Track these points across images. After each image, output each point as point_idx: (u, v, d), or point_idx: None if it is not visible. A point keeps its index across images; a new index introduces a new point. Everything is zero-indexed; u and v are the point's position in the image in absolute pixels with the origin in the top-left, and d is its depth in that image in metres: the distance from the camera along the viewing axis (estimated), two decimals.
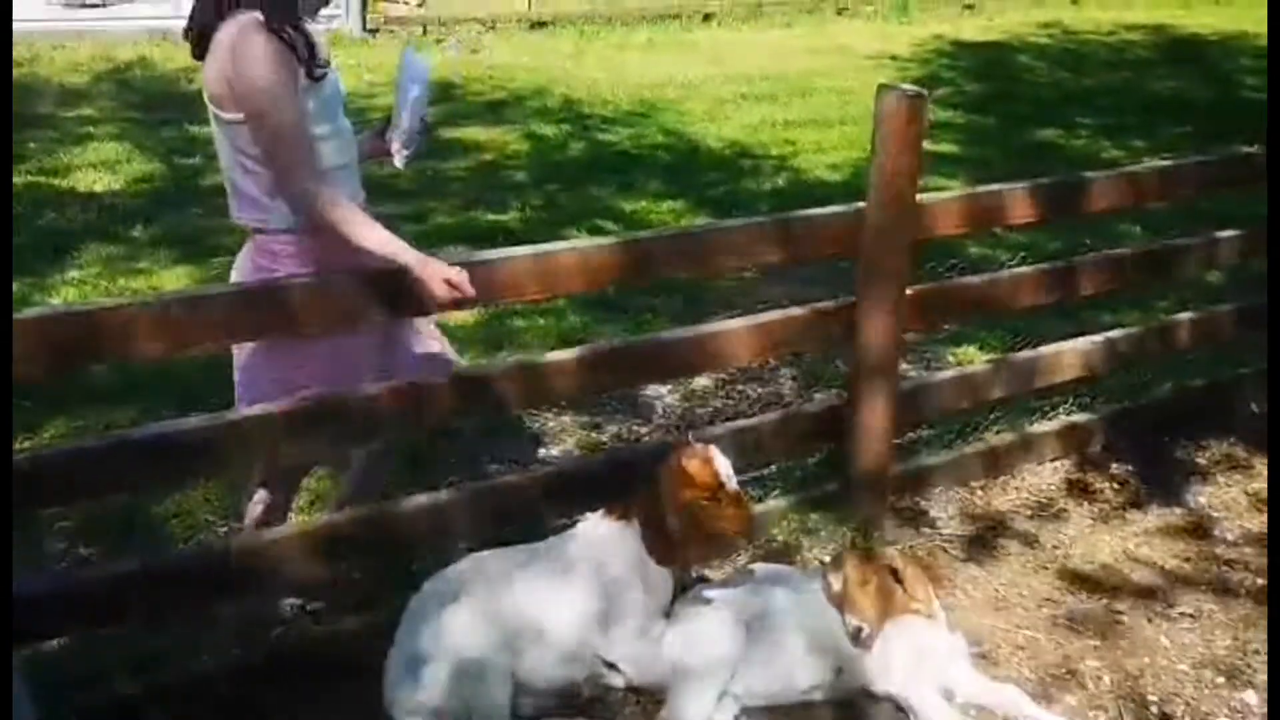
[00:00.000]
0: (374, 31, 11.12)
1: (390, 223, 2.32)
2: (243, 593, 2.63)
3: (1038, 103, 9.32)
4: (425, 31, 11.38)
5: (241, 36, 2.17)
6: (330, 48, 2.37)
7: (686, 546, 2.51)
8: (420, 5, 12.46)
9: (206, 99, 2.29)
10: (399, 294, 2.32)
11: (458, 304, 2.25)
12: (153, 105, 7.92)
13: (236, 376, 2.50)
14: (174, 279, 4.85)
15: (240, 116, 2.22)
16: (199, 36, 2.26)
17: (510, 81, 9.29)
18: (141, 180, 6.26)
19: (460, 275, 2.21)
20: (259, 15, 2.18)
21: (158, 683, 2.46)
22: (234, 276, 2.48)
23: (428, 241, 5.42)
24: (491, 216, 5.91)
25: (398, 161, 2.61)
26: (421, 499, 2.72)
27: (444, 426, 3.27)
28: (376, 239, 2.23)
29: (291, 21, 2.22)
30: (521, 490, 2.84)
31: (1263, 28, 13.25)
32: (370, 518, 2.66)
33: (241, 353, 2.47)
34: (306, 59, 2.24)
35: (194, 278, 4.86)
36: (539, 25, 11.85)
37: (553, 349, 3.59)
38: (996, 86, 9.99)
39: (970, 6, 14.96)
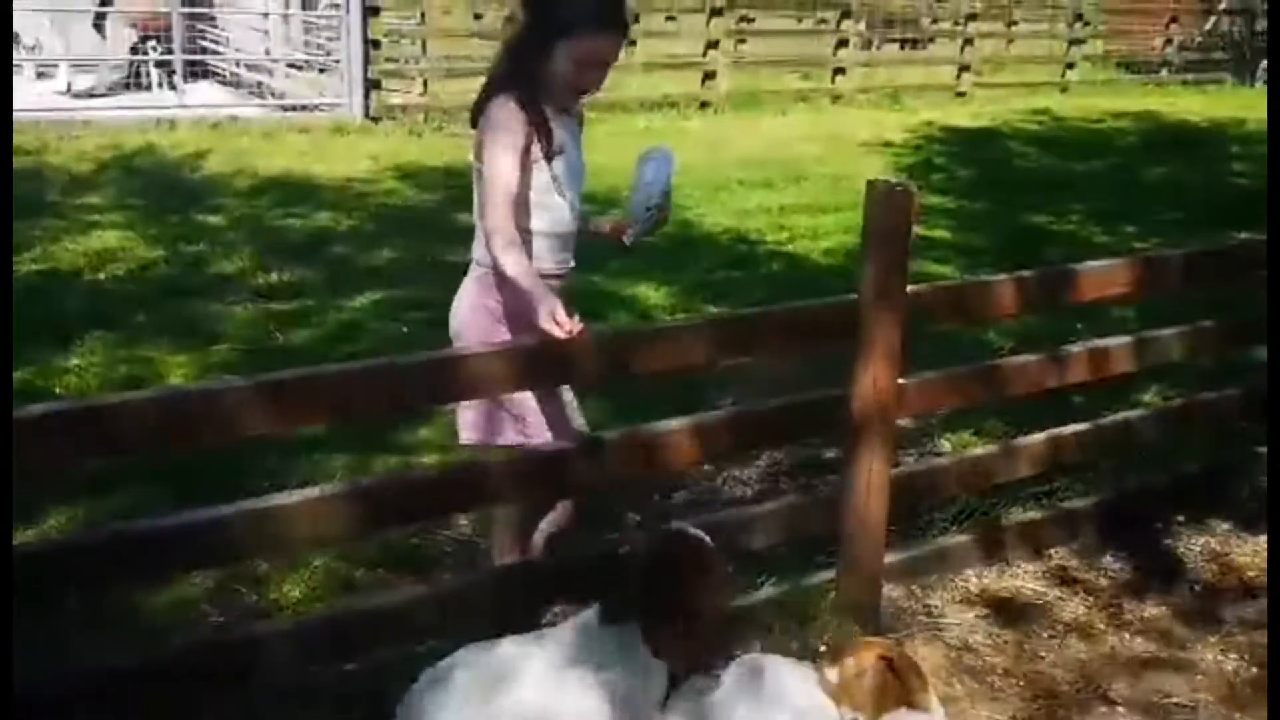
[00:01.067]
0: (376, 119, 11.36)
1: None
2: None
3: (1028, 188, 9.50)
4: (427, 119, 11.62)
5: (496, 105, 2.66)
6: (568, 135, 2.76)
7: (690, 641, 2.51)
8: (422, 94, 12.75)
9: (475, 158, 2.73)
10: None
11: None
12: (158, 193, 8.07)
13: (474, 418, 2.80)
14: (176, 366, 4.89)
15: (481, 166, 2.67)
16: (476, 110, 2.73)
17: None
18: (145, 267, 6.35)
19: (564, 317, 2.46)
20: (507, 97, 2.64)
21: None
22: (454, 308, 2.85)
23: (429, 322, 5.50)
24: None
25: (626, 238, 2.94)
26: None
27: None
28: (526, 276, 2.56)
29: (537, 103, 2.66)
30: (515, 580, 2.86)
31: (1247, 114, 13.57)
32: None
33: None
34: (543, 137, 2.66)
35: (196, 365, 4.91)
36: None
37: None
38: (987, 172, 10.20)
39: (961, 94, 15.33)
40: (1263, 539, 3.73)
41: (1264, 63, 17.46)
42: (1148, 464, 4.12)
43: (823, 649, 2.81)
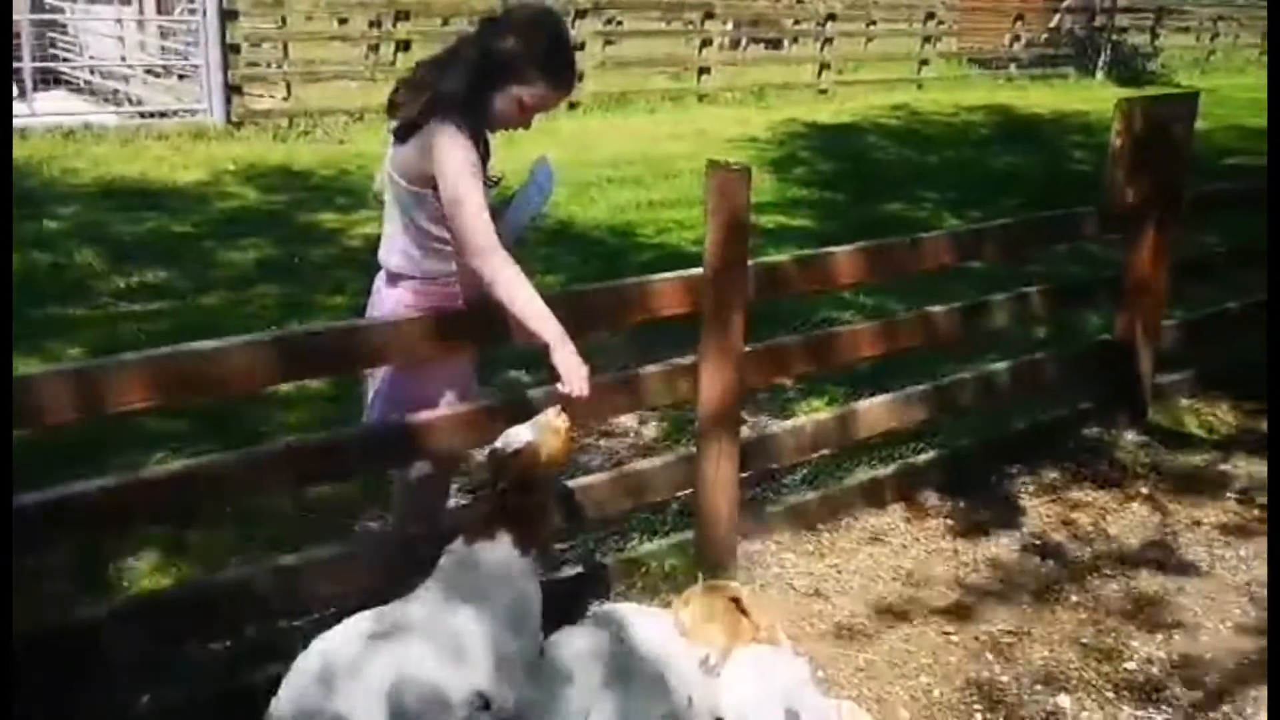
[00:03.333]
0: (239, 124, 11.18)
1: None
2: None
3: (885, 179, 9.94)
4: (291, 123, 11.50)
5: (444, 132, 2.64)
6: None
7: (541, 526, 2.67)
8: (285, 99, 12.60)
9: (393, 170, 2.75)
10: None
11: (568, 397, 2.66)
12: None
13: (376, 396, 2.90)
14: (34, 370, 4.80)
15: (424, 190, 2.69)
16: (407, 128, 2.69)
17: (376, 167, 9.45)
18: None
19: (583, 372, 2.66)
20: (456, 124, 2.65)
21: None
22: (372, 311, 2.90)
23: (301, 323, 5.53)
24: (363, 300, 6.02)
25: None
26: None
27: None
28: (537, 309, 2.65)
29: (479, 133, 2.74)
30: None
31: (1088, 105, 14.38)
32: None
33: (380, 375, 2.88)
34: (483, 166, 2.75)
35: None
36: None
37: None
38: (847, 165, 10.62)
39: (823, 91, 15.83)
40: (1089, 489, 4.08)
41: (1103, 57, 18.52)
42: (983, 422, 4.44)
43: (677, 594, 2.98)
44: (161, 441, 4.07)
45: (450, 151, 2.62)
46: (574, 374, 2.67)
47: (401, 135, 2.70)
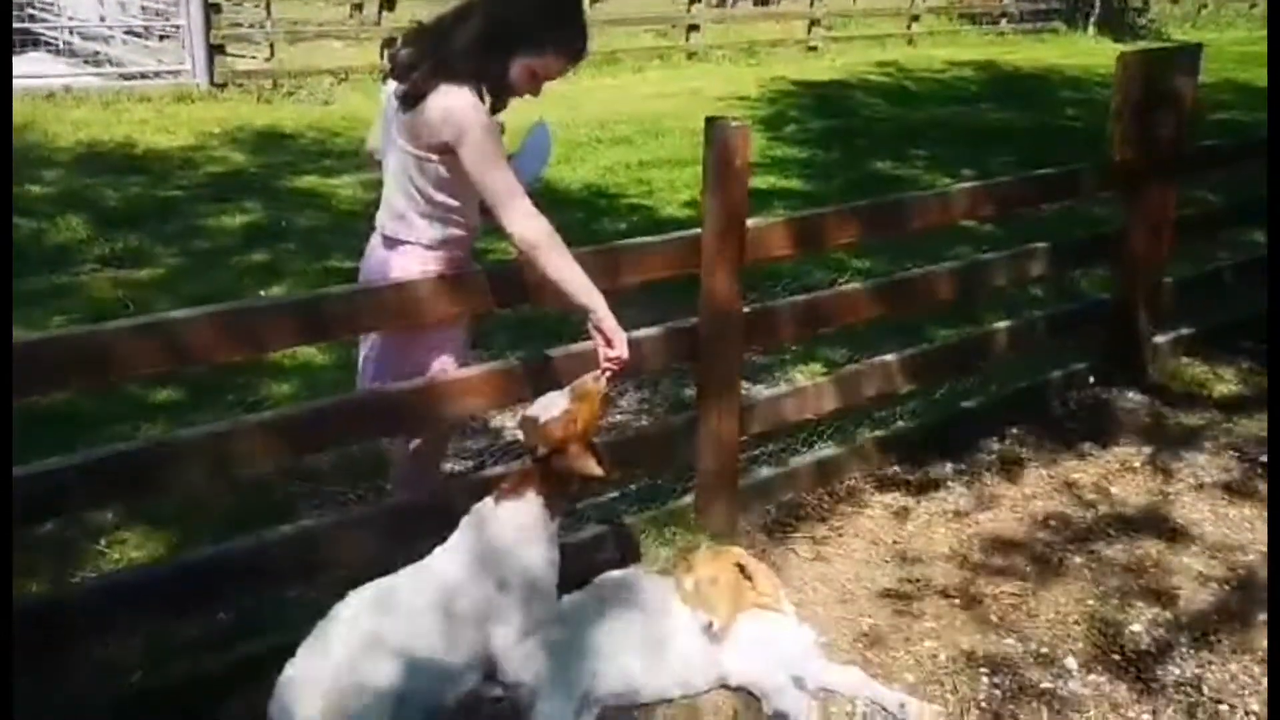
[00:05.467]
0: (222, 86, 11.01)
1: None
2: None
3: (876, 137, 9.85)
4: (275, 85, 11.33)
5: (461, 100, 2.57)
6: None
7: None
8: (269, 60, 12.40)
9: (399, 136, 2.65)
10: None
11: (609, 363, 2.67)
12: None
13: (367, 362, 2.86)
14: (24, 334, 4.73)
15: (432, 156, 2.61)
16: (415, 95, 2.58)
17: (366, 130, 9.34)
18: None
19: (624, 336, 2.66)
20: (471, 91, 2.59)
21: None
22: (365, 275, 2.84)
23: (290, 289, 5.46)
24: (350, 264, 5.94)
25: None
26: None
27: None
28: (577, 274, 2.64)
29: (487, 102, 2.67)
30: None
31: (1078, 60, 14.28)
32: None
33: (371, 341, 2.84)
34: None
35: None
36: None
37: None
38: (838, 123, 10.51)
39: (813, 48, 15.67)
40: (1090, 449, 4.06)
41: (1094, 12, 18.36)
42: (981, 383, 4.41)
43: (680, 560, 2.95)
44: (152, 412, 4.02)
45: (472, 120, 2.56)
46: (617, 337, 2.65)
47: (410, 102, 2.61)
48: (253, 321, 2.56)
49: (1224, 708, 2.76)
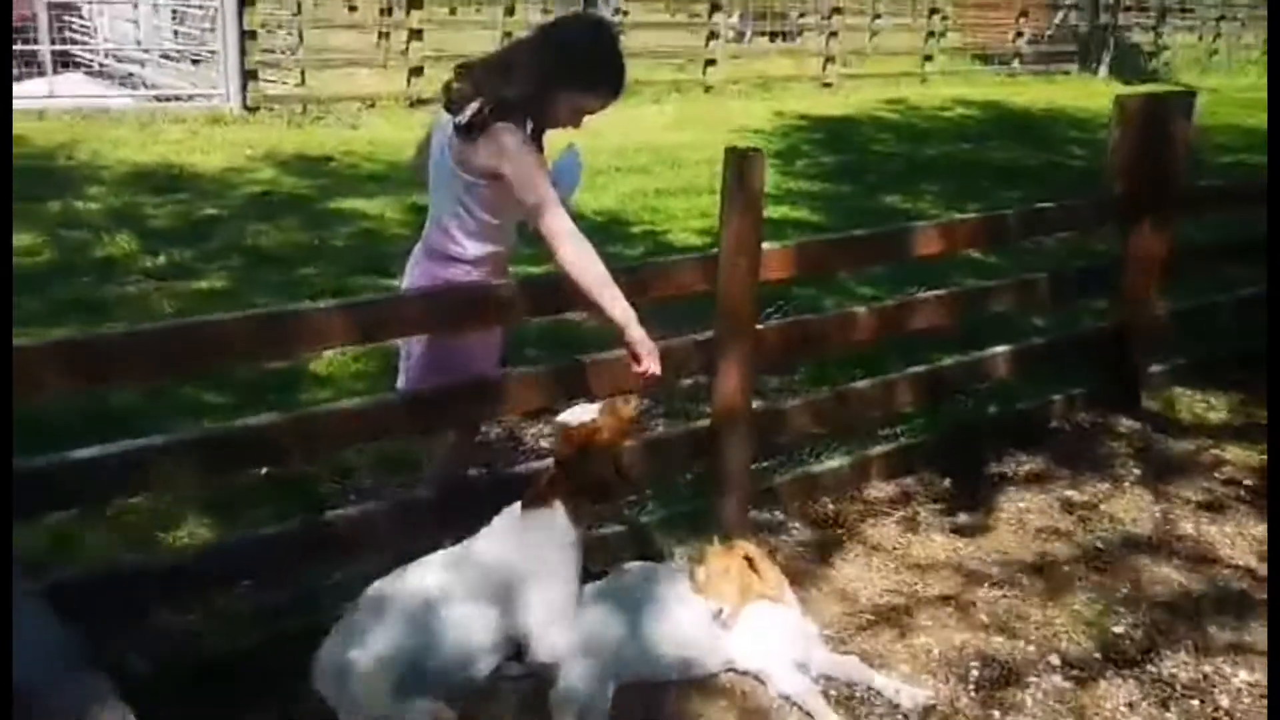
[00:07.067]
0: (254, 109, 11.37)
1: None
2: None
3: (886, 172, 10.12)
4: (305, 110, 11.68)
5: (510, 136, 2.85)
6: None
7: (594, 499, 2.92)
8: (299, 85, 12.78)
9: (453, 160, 2.92)
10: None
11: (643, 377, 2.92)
12: (33, 181, 8.01)
13: (414, 367, 3.08)
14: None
15: (481, 181, 2.89)
16: (471, 129, 2.86)
17: (392, 155, 9.65)
18: (31, 253, 6.37)
19: (655, 352, 2.91)
20: (522, 128, 2.89)
21: None
22: (410, 283, 3.09)
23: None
24: (384, 281, 6.21)
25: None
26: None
27: None
28: (613, 294, 2.87)
29: (536, 136, 2.97)
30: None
31: (1088, 101, 14.56)
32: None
33: (411, 348, 3.08)
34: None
35: None
36: (420, 103, 12.26)
37: None
38: (849, 158, 10.79)
39: (827, 84, 16.01)
40: (1083, 470, 4.28)
41: (1106, 55, 18.70)
42: (981, 405, 4.64)
43: (693, 554, 3.18)
44: (204, 413, 4.26)
45: (524, 156, 2.84)
46: (648, 354, 2.90)
47: (466, 132, 2.88)
48: (306, 323, 2.81)
49: (1195, 703, 2.97)
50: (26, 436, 2.44)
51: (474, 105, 2.86)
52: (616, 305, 2.87)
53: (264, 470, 3.71)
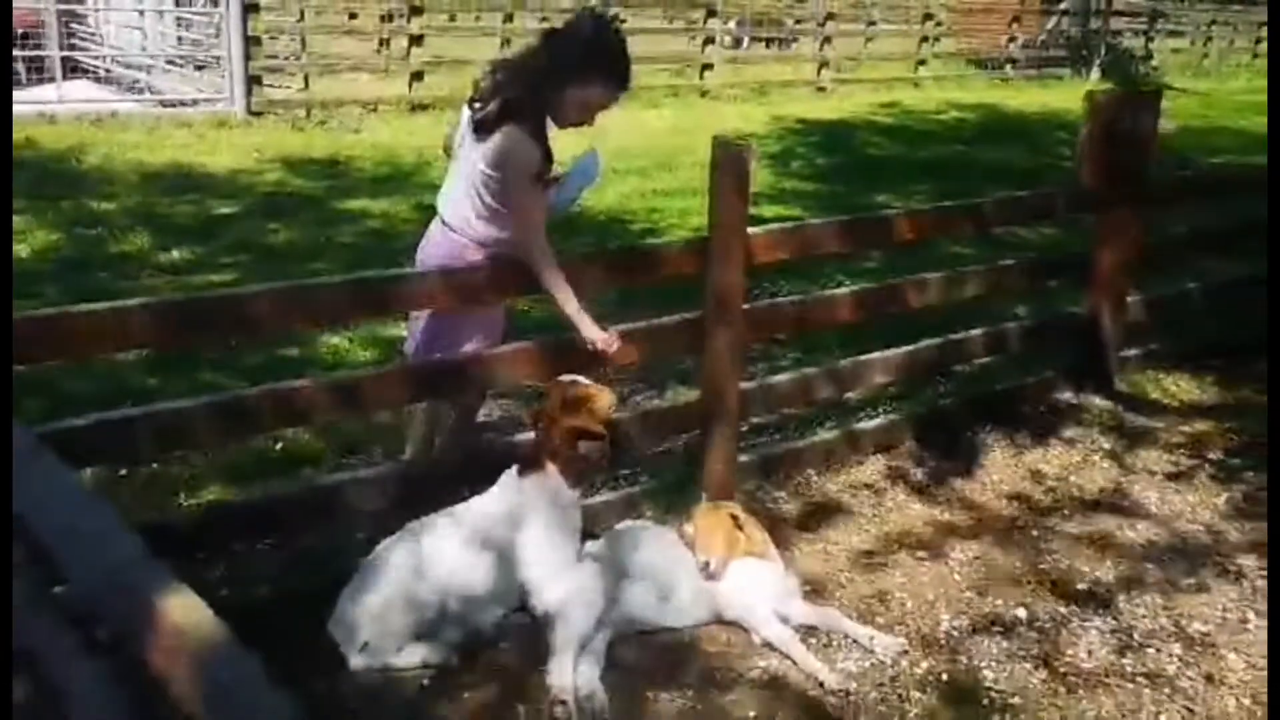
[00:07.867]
0: (259, 114, 11.60)
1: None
2: None
3: (879, 173, 10.33)
4: (308, 114, 11.91)
5: (515, 140, 3.11)
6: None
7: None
8: (303, 90, 13.02)
9: (475, 154, 3.17)
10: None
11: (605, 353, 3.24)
12: (46, 182, 8.24)
13: (420, 336, 3.36)
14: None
15: (493, 174, 3.14)
16: (484, 128, 3.14)
17: (395, 158, 9.89)
18: (48, 250, 6.60)
19: (606, 340, 3.22)
20: (523, 130, 3.10)
21: None
22: (422, 256, 3.35)
23: None
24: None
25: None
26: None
27: None
28: (566, 296, 3.19)
29: (543, 133, 3.18)
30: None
31: (1073, 106, 14.77)
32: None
33: (424, 318, 3.33)
34: (546, 164, 3.20)
35: None
36: (420, 108, 12.50)
37: None
38: (843, 159, 11.02)
39: (822, 89, 16.25)
40: (1056, 444, 4.50)
41: (1097, 60, 18.95)
42: (959, 385, 4.86)
43: (682, 513, 3.41)
44: (214, 389, 4.49)
45: (517, 161, 3.10)
46: (599, 339, 3.22)
47: (476, 131, 3.16)
48: (322, 296, 3.05)
49: (1150, 650, 3.19)
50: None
51: (490, 105, 3.12)
52: (578, 313, 3.20)
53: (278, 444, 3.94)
